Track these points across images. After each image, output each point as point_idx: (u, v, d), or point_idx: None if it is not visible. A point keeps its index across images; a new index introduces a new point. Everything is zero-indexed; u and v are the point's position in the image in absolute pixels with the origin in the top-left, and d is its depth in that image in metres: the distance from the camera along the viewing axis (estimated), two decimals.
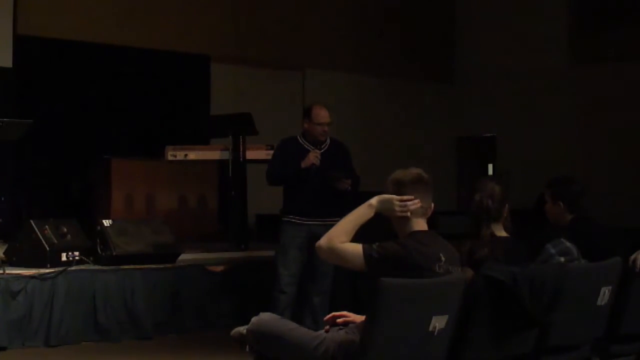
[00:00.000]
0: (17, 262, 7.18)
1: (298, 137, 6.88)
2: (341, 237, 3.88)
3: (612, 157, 12.37)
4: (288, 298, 6.72)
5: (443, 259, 3.80)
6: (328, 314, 6.48)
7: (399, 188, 3.88)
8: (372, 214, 3.91)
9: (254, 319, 4.14)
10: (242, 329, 4.16)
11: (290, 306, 6.72)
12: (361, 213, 3.92)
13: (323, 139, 6.81)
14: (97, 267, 7.34)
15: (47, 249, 7.11)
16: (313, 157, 6.65)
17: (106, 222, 7.55)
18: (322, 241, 3.91)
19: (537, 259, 4.44)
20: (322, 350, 3.86)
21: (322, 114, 6.77)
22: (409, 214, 3.87)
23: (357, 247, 3.83)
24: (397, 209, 3.87)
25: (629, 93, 12.48)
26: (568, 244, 4.53)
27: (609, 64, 12.71)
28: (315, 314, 6.71)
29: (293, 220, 6.77)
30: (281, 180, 6.87)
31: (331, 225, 6.58)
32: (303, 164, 6.64)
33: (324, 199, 6.69)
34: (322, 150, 6.79)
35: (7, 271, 6.88)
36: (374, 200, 3.91)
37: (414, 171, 3.94)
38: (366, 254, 3.78)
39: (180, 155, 9.46)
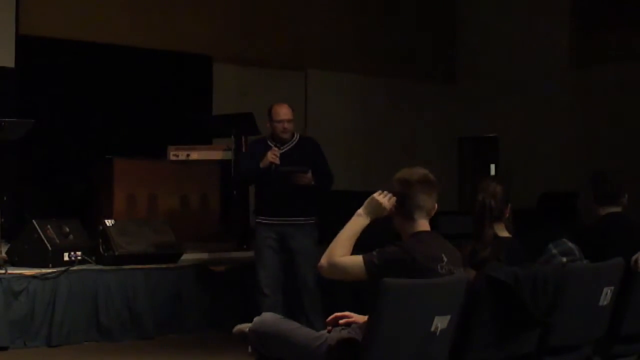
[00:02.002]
0: (19, 262, 7.19)
1: (267, 138, 6.82)
2: (338, 251, 3.85)
3: (613, 157, 12.34)
4: (271, 301, 6.65)
5: (445, 259, 3.80)
6: (320, 312, 6.50)
7: (405, 187, 3.86)
8: (366, 222, 3.90)
9: (256, 319, 4.14)
10: (245, 326, 4.17)
11: (279, 308, 6.56)
12: (353, 223, 3.91)
13: (285, 136, 6.70)
14: (99, 267, 7.34)
15: (50, 248, 7.12)
16: (270, 156, 6.55)
17: (108, 222, 7.56)
18: (322, 260, 3.89)
19: (539, 259, 4.44)
20: (325, 350, 3.86)
21: (280, 111, 6.70)
22: (414, 214, 3.87)
23: (357, 258, 3.81)
24: (384, 204, 3.87)
25: (630, 93, 12.47)
26: (570, 244, 4.53)
27: (611, 64, 12.70)
28: (307, 314, 6.68)
29: (263, 221, 6.73)
30: (243, 181, 6.85)
31: (300, 225, 6.61)
32: (262, 164, 6.56)
33: (290, 197, 6.62)
34: (287, 148, 6.70)
35: (9, 271, 6.89)
36: (361, 209, 3.91)
37: (421, 171, 3.91)
38: (367, 261, 3.76)
39: (182, 155, 9.47)
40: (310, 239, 6.75)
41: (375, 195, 3.88)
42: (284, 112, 6.70)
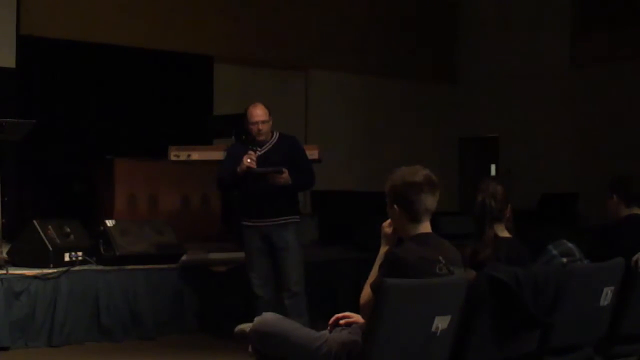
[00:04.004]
0: (20, 262, 7.19)
1: (246, 139, 6.74)
2: (364, 296, 3.88)
3: (613, 157, 12.36)
4: (264, 301, 6.60)
5: (442, 260, 3.79)
6: (306, 314, 6.45)
7: (411, 190, 3.83)
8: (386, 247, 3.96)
9: (256, 319, 4.14)
10: (246, 327, 4.17)
11: (274, 308, 6.49)
12: (378, 256, 3.94)
13: (261, 137, 6.62)
14: (100, 267, 7.34)
15: (50, 249, 7.11)
16: (246, 160, 6.48)
17: (109, 222, 7.56)
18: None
19: (538, 260, 4.44)
20: (325, 350, 3.86)
21: (254, 113, 6.63)
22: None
23: (368, 290, 3.81)
24: (386, 229, 3.96)
25: (630, 93, 12.48)
26: (570, 244, 4.54)
27: (611, 64, 12.71)
28: (291, 317, 6.62)
29: (247, 224, 6.69)
30: (224, 185, 6.80)
31: (282, 224, 6.57)
32: (239, 169, 6.50)
33: (270, 198, 6.56)
34: (266, 149, 6.63)
35: (10, 271, 6.88)
36: (381, 249, 3.96)
37: (424, 172, 3.87)
38: (373, 288, 3.76)
39: (183, 155, 9.46)
40: (293, 239, 6.65)
41: (383, 225, 3.95)
42: (257, 113, 6.63)
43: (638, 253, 4.65)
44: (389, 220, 3.96)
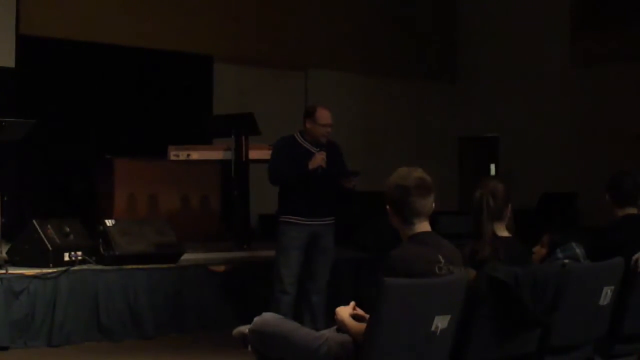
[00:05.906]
0: (19, 262, 7.19)
1: (296, 137, 6.76)
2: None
3: (613, 158, 12.36)
4: (290, 298, 6.68)
5: (442, 260, 3.79)
6: (325, 311, 6.53)
7: (402, 193, 3.84)
8: None
9: (256, 319, 4.14)
10: (244, 329, 4.17)
11: (292, 306, 6.69)
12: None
13: (324, 140, 6.72)
14: (99, 267, 7.34)
15: (50, 248, 7.11)
16: (320, 159, 6.57)
17: (109, 222, 7.56)
18: None
19: (546, 262, 4.45)
20: (325, 350, 3.86)
21: (326, 115, 6.70)
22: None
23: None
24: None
25: (630, 93, 12.48)
26: (577, 249, 4.55)
27: (610, 64, 12.71)
28: (313, 313, 6.71)
29: (294, 221, 6.70)
30: (286, 180, 6.80)
31: (329, 224, 6.66)
32: (311, 166, 6.56)
33: (325, 199, 6.70)
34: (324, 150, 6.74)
35: (9, 271, 6.89)
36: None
37: (416, 174, 3.88)
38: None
39: (182, 155, 9.47)
40: (333, 239, 6.84)
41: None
42: (329, 116, 6.72)
43: (638, 253, 4.65)
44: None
